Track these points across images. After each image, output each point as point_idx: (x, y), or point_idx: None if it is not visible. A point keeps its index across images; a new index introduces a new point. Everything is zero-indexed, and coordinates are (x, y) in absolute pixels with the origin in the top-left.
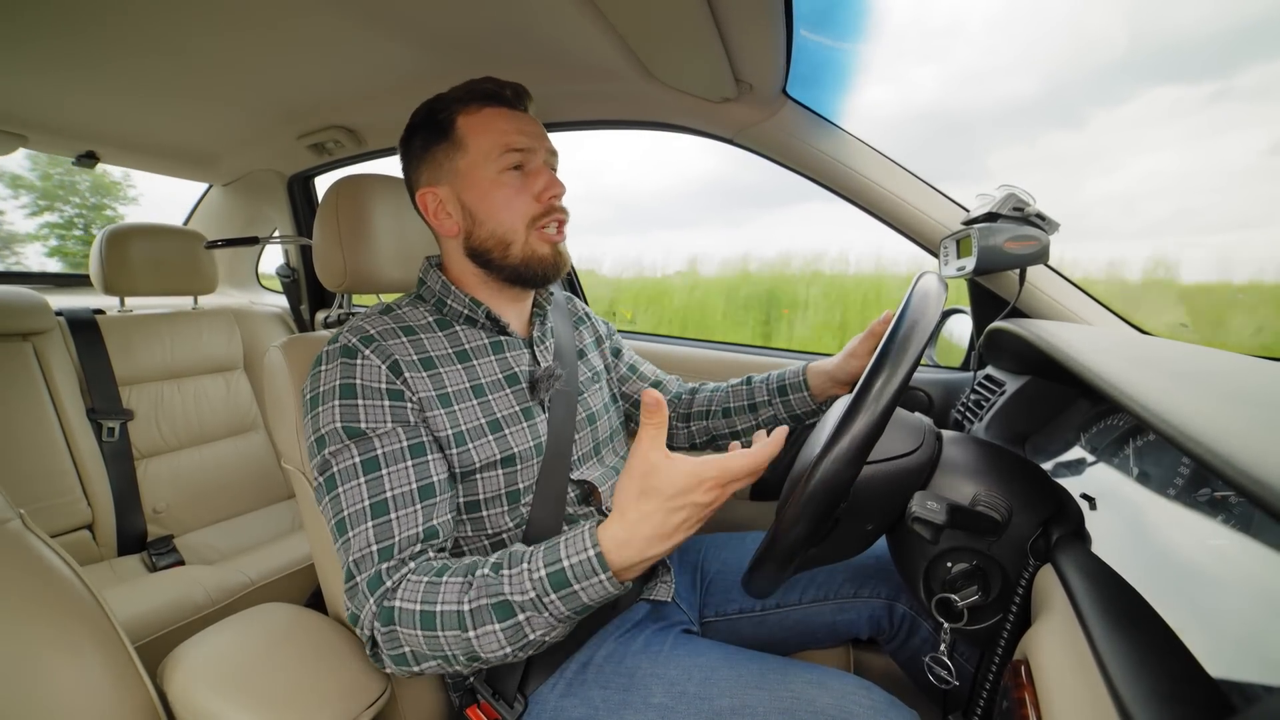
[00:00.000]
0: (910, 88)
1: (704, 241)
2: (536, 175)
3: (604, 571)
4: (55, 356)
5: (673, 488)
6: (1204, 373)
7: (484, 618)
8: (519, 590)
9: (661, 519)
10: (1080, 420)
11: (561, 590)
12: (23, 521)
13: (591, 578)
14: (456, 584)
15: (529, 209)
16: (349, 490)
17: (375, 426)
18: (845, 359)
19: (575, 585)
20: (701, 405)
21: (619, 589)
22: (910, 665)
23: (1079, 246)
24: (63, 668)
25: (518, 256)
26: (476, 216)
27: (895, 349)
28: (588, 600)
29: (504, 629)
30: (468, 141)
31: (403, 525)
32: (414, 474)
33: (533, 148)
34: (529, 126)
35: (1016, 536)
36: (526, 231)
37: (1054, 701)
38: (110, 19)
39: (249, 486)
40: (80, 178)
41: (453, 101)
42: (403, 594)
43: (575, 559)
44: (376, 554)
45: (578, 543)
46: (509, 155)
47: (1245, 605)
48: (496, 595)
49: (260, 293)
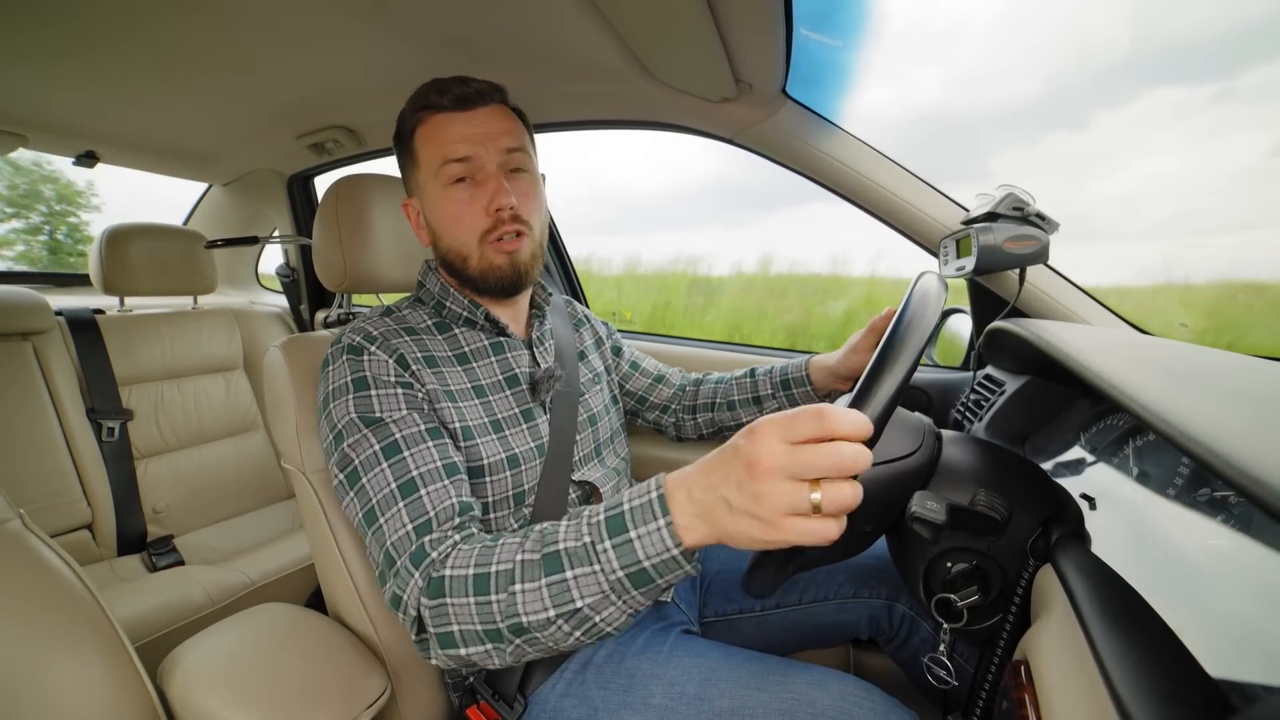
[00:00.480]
0: (912, 89)
1: (728, 242)
2: (483, 186)
3: (663, 516)
4: (55, 356)
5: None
6: (1204, 373)
7: (532, 571)
8: (572, 537)
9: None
10: (1080, 420)
11: (617, 536)
12: (23, 521)
13: (650, 523)
14: (514, 542)
15: (477, 223)
16: (374, 478)
17: (391, 413)
18: (847, 354)
19: (631, 531)
20: (707, 397)
21: (675, 546)
22: (910, 665)
23: (1085, 249)
24: (63, 668)
25: (475, 269)
26: (435, 231)
27: (895, 349)
28: (644, 554)
29: (549, 584)
30: (419, 155)
31: (435, 500)
32: (436, 454)
33: (474, 155)
34: (476, 128)
35: (1016, 536)
36: (479, 246)
37: (1054, 701)
38: (110, 19)
39: (249, 486)
40: (46, 187)
41: (408, 113)
42: (453, 562)
43: (636, 501)
44: (413, 531)
45: (642, 487)
46: (449, 167)
47: (1245, 605)
48: (550, 545)
49: (260, 293)
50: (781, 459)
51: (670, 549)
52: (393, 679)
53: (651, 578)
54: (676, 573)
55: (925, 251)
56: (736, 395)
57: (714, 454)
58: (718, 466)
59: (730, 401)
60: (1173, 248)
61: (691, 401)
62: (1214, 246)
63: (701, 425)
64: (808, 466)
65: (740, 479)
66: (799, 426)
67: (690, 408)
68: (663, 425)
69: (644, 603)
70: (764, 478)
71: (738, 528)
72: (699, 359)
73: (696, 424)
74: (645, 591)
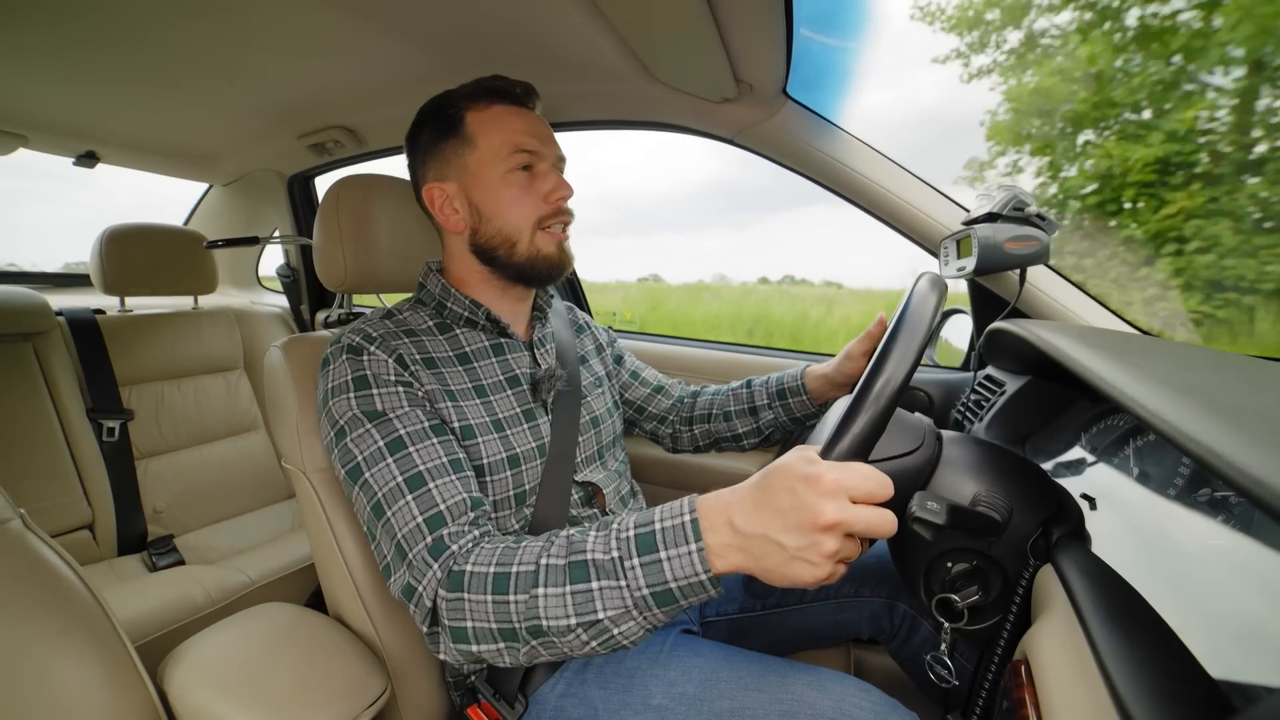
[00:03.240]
0: (915, 91)
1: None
2: (544, 177)
3: (696, 541)
4: (55, 356)
5: (788, 469)
6: (1204, 373)
7: (556, 577)
8: (601, 549)
9: (767, 497)
10: (1080, 420)
11: (646, 555)
12: (23, 521)
13: (682, 545)
14: (537, 545)
15: (536, 209)
16: (378, 473)
17: (393, 408)
18: (842, 361)
19: (662, 552)
20: (704, 409)
21: (704, 572)
22: (910, 665)
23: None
24: (63, 668)
25: (523, 255)
26: (483, 214)
27: (895, 349)
28: (671, 576)
29: (574, 593)
30: (477, 138)
31: (444, 493)
32: (441, 450)
33: (541, 151)
34: (539, 128)
35: (1016, 536)
36: (532, 231)
37: (1054, 701)
38: (110, 19)
39: (249, 486)
40: None
41: (462, 98)
42: (476, 558)
43: (668, 522)
44: (425, 525)
45: (674, 507)
46: (518, 155)
47: (1245, 605)
48: (578, 553)
49: (260, 293)
50: (844, 515)
51: (699, 574)
52: (393, 678)
53: (675, 598)
54: (700, 595)
55: (925, 252)
56: (733, 406)
57: (760, 488)
58: (768, 505)
59: (726, 413)
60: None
61: (689, 413)
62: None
63: (698, 437)
64: (865, 526)
65: (803, 526)
66: (865, 486)
67: (687, 419)
68: (659, 436)
69: (663, 620)
70: (830, 531)
71: (790, 571)
72: (700, 359)
73: (693, 435)
74: (667, 610)
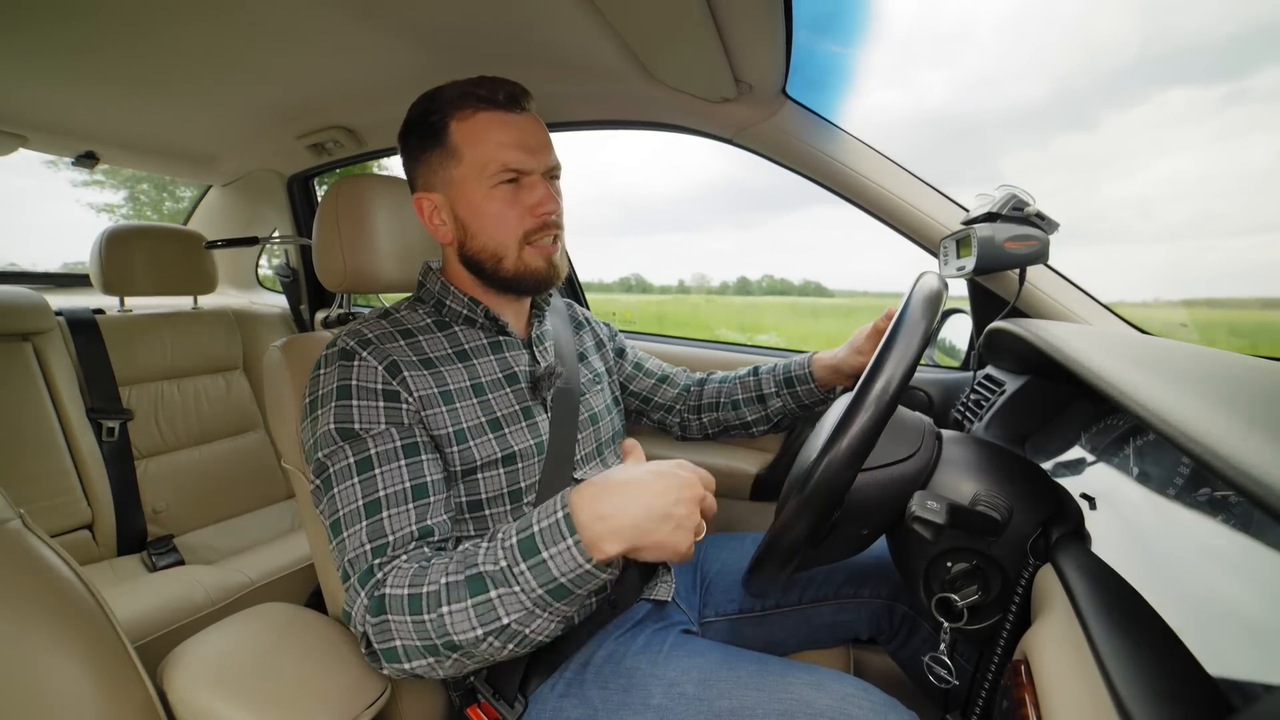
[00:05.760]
0: (919, 92)
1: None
2: (531, 189)
3: (571, 535)
4: (55, 356)
5: (655, 463)
6: (1204, 372)
7: (458, 593)
8: (490, 560)
9: (640, 482)
10: (1080, 420)
11: (531, 559)
12: (23, 521)
13: (560, 542)
14: (443, 563)
15: (522, 224)
16: (343, 491)
17: (369, 427)
18: (850, 353)
19: (544, 552)
20: (711, 397)
21: (587, 561)
22: (910, 665)
23: (1100, 251)
24: (63, 667)
25: (510, 270)
26: (469, 229)
27: (895, 350)
28: (557, 572)
29: (475, 605)
30: (461, 150)
31: (395, 524)
32: (407, 473)
33: (527, 163)
34: (527, 137)
35: (1016, 536)
36: (519, 246)
37: (1054, 701)
38: (111, 19)
39: (249, 486)
40: None
41: (445, 104)
42: (392, 581)
43: (544, 522)
44: (370, 552)
45: (549, 506)
46: (504, 172)
47: (1244, 605)
48: (471, 567)
49: (260, 293)
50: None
51: (582, 564)
52: (392, 679)
53: (571, 590)
54: (595, 582)
55: (926, 251)
56: (741, 394)
57: (622, 476)
58: (633, 486)
59: (735, 400)
60: (1189, 250)
61: (696, 401)
62: (1233, 249)
63: (707, 425)
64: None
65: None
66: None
67: (695, 407)
68: (668, 425)
69: (569, 611)
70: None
71: (658, 537)
72: (701, 359)
73: (702, 424)
74: (568, 602)
